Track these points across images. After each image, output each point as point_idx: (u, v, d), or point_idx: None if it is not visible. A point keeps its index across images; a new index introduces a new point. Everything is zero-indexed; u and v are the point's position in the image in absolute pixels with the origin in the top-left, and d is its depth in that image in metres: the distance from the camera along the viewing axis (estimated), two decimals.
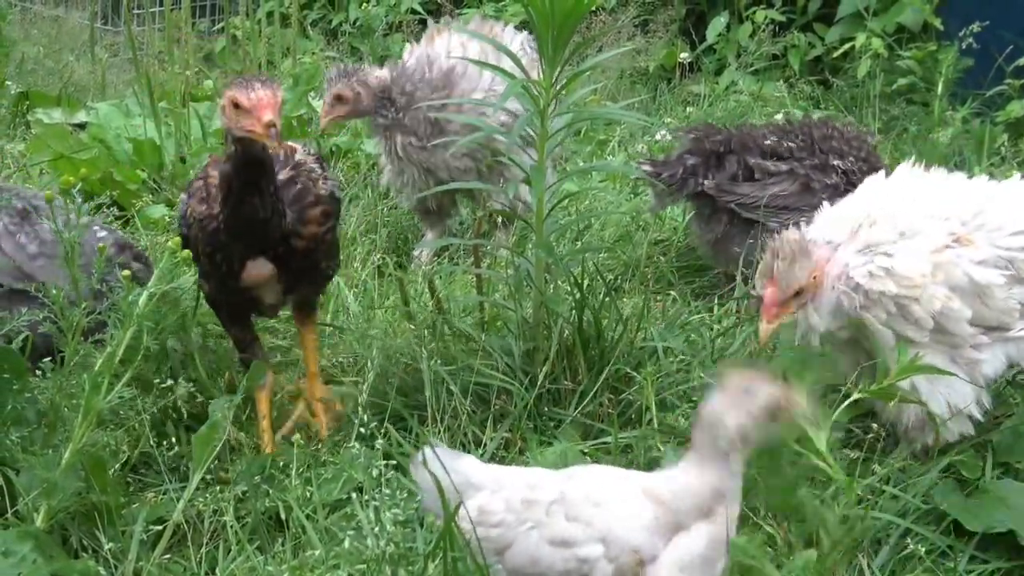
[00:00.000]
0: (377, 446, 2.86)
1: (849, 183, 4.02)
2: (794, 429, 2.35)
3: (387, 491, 2.60)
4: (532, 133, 3.42)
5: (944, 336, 2.98)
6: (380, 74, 4.52)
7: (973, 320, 2.98)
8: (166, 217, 4.95)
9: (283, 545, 2.78)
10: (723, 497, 2.22)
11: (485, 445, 3.13)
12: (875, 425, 3.08)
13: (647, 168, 4.31)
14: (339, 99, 4.46)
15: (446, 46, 4.58)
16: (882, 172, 3.34)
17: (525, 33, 4.79)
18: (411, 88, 4.48)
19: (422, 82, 4.51)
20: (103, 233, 3.48)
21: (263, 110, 2.80)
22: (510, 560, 2.24)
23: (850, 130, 4.28)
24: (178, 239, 2.88)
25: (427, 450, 2.36)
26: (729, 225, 4.17)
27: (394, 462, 2.83)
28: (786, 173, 4.11)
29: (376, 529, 2.48)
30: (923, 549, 2.69)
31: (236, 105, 2.84)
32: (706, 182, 4.17)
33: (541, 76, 3.33)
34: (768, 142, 4.18)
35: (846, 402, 2.83)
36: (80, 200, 2.90)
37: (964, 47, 6.11)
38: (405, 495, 2.60)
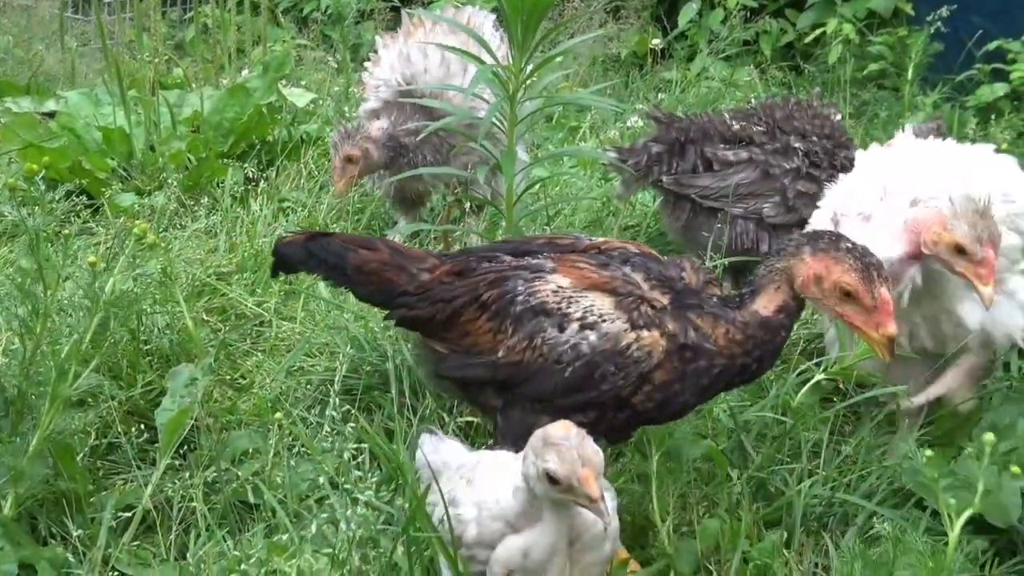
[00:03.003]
0: (348, 431, 2.85)
1: (812, 164, 4.03)
2: None
3: (358, 473, 2.60)
4: (501, 119, 3.42)
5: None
6: (380, 124, 4.50)
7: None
8: (135, 205, 4.92)
9: (252, 529, 2.78)
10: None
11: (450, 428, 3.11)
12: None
13: (613, 155, 4.30)
14: (349, 160, 4.44)
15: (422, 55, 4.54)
16: (878, 145, 3.29)
17: (495, 15, 4.77)
18: (413, 126, 4.44)
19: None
20: None
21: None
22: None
23: (815, 106, 4.25)
24: (146, 225, 2.83)
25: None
26: (693, 212, 4.16)
27: (366, 446, 2.83)
28: (745, 162, 4.09)
29: (348, 512, 2.48)
30: (888, 529, 2.70)
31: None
32: (664, 177, 4.17)
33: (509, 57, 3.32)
34: (730, 128, 4.16)
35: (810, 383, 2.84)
36: (43, 188, 2.86)
37: (934, 32, 6.14)
38: (376, 478, 2.60)
